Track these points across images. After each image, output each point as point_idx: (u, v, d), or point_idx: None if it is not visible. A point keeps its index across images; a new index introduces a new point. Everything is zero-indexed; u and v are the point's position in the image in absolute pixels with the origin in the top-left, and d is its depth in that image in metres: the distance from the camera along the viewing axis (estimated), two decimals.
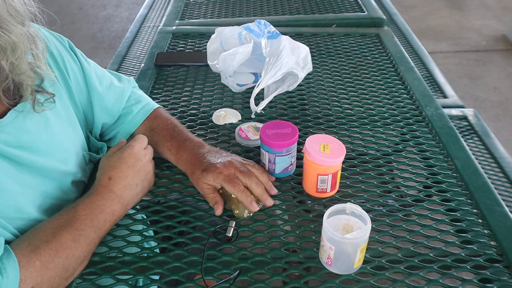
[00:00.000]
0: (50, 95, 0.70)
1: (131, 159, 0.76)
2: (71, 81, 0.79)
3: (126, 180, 0.74)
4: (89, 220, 0.68)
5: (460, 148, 0.91)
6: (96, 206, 0.70)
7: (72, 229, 0.66)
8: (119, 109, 0.89)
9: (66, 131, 0.77)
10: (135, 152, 0.77)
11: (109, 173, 0.74)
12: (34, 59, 0.66)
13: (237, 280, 0.66)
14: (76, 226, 0.66)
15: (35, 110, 0.68)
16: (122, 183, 0.74)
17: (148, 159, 0.79)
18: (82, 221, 0.67)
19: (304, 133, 0.97)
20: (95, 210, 0.69)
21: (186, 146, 0.83)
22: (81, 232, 0.66)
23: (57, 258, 0.62)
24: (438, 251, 0.70)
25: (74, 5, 3.86)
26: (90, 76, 0.83)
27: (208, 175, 0.76)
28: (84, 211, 0.68)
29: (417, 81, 1.14)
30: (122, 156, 0.76)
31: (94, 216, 0.69)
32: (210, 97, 1.12)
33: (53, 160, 0.73)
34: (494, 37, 3.17)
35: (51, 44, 0.77)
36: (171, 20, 1.52)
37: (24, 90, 0.65)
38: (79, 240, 0.65)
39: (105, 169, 0.75)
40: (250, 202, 0.75)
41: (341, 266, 0.66)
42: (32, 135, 0.69)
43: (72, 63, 0.80)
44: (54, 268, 0.62)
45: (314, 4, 1.62)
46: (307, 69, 1.10)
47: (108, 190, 0.72)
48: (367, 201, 0.80)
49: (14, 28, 0.58)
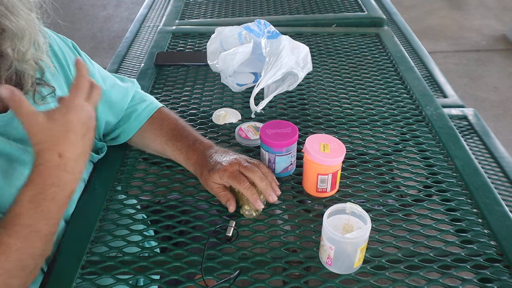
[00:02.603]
0: (51, 87, 0.70)
1: (78, 124, 0.61)
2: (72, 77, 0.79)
3: (77, 151, 0.61)
4: (38, 213, 0.59)
5: (460, 147, 0.91)
6: (45, 196, 0.59)
7: (20, 227, 0.57)
8: (123, 107, 0.89)
9: None
10: (80, 113, 0.61)
11: (58, 148, 0.59)
12: (36, 50, 0.65)
13: (237, 280, 0.66)
14: (24, 222, 0.58)
15: (34, 101, 0.67)
16: (74, 157, 0.61)
17: (92, 115, 0.64)
18: (29, 216, 0.58)
19: (304, 133, 0.97)
20: (44, 201, 0.59)
21: (196, 147, 0.82)
22: (30, 228, 0.58)
23: (8, 263, 0.57)
24: (438, 250, 0.70)
25: (74, 5, 3.86)
26: (93, 74, 0.83)
27: (215, 174, 0.76)
28: (31, 203, 0.58)
29: (417, 81, 1.14)
30: (68, 123, 0.60)
31: (45, 207, 0.59)
32: (210, 97, 1.12)
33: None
34: (494, 37, 3.17)
35: (54, 43, 0.77)
36: (171, 20, 1.52)
37: (25, 80, 0.64)
38: (31, 238, 0.58)
39: (49, 142, 0.59)
40: (255, 199, 0.74)
41: (341, 265, 0.66)
42: None
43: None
44: (7, 273, 0.57)
45: (314, 4, 1.62)
46: (307, 69, 1.10)
47: (60, 172, 0.60)
48: (367, 200, 0.80)
49: (23, 13, 0.58)
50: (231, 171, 0.75)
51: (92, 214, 0.77)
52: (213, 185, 0.77)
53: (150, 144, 0.88)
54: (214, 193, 0.78)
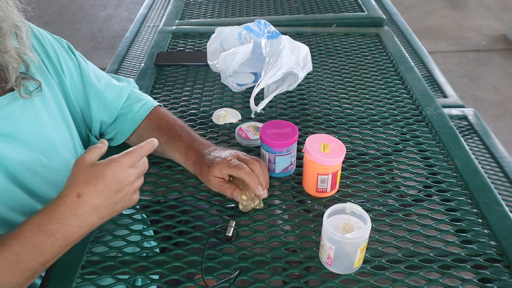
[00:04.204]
0: (37, 81, 0.70)
1: (111, 178, 0.61)
2: (66, 78, 0.79)
3: (97, 201, 0.60)
4: (31, 244, 0.57)
5: (460, 147, 0.91)
6: (46, 229, 0.58)
7: (8, 252, 0.56)
8: (118, 107, 0.88)
9: (56, 125, 0.76)
10: (119, 172, 0.62)
11: (80, 188, 0.59)
12: (19, 43, 0.65)
13: (237, 280, 0.66)
14: (13, 250, 0.56)
15: (21, 95, 0.67)
16: (92, 205, 0.60)
17: (132, 180, 0.64)
18: (21, 245, 0.57)
19: (304, 133, 0.97)
20: (43, 234, 0.57)
21: (195, 146, 0.82)
22: (16, 256, 0.56)
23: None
24: (438, 250, 0.70)
25: (74, 5, 3.86)
26: (87, 73, 0.83)
27: (215, 167, 0.75)
28: (29, 232, 0.57)
29: (417, 81, 1.14)
30: (103, 173, 0.61)
31: (39, 240, 0.57)
32: (210, 97, 1.12)
33: (37, 153, 0.71)
34: (494, 37, 3.17)
35: (47, 44, 0.77)
36: (171, 20, 1.52)
37: (10, 74, 0.64)
38: (12, 264, 0.56)
39: (77, 181, 0.60)
40: (256, 183, 0.74)
41: (341, 265, 0.66)
42: (19, 125, 0.68)
43: (68, 61, 0.80)
44: None
45: (314, 4, 1.62)
46: (307, 69, 1.10)
47: (71, 211, 0.59)
48: (367, 201, 0.80)
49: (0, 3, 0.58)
50: (229, 160, 0.75)
51: None
52: (214, 180, 0.76)
53: None
54: (217, 189, 0.78)
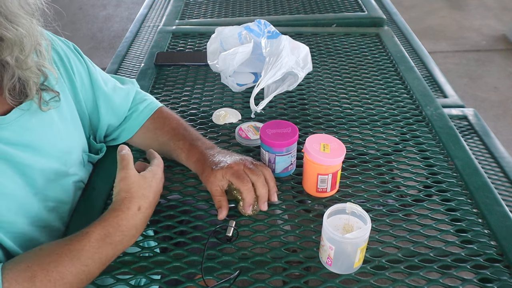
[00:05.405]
0: (55, 93, 0.70)
1: (157, 190, 0.72)
2: (77, 81, 0.79)
3: (150, 211, 0.70)
4: (98, 255, 0.61)
5: (460, 147, 0.91)
6: (112, 241, 0.63)
7: (78, 263, 0.60)
8: (126, 110, 0.89)
9: (69, 132, 0.76)
10: (159, 183, 0.74)
11: (140, 202, 0.67)
12: (38, 57, 0.65)
13: (237, 280, 0.66)
14: (82, 261, 0.60)
15: (41, 108, 0.67)
16: (147, 216, 0.69)
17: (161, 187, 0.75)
18: (90, 256, 0.61)
19: (304, 133, 0.97)
20: (109, 246, 0.63)
21: (198, 145, 0.82)
22: (85, 267, 0.60)
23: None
24: (438, 250, 0.70)
25: (74, 5, 3.86)
26: (96, 77, 0.83)
27: (218, 171, 0.74)
28: (96, 242, 0.61)
29: (417, 81, 1.14)
30: (151, 185, 0.70)
31: (104, 251, 0.62)
32: (210, 96, 1.12)
33: (54, 161, 0.72)
34: (494, 37, 3.17)
35: (58, 47, 0.77)
36: (171, 20, 1.52)
37: (29, 88, 0.64)
38: (80, 275, 0.60)
39: (135, 194, 0.67)
40: (249, 204, 0.74)
41: (341, 265, 0.66)
42: (35, 134, 0.68)
43: (78, 64, 0.80)
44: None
45: (314, 4, 1.62)
46: (307, 69, 1.10)
47: (132, 223, 0.66)
48: (367, 201, 0.80)
49: (23, 21, 0.58)
50: (236, 169, 0.74)
51: (92, 214, 0.77)
52: (213, 184, 0.75)
53: (151, 144, 0.88)
54: (211, 192, 0.77)
